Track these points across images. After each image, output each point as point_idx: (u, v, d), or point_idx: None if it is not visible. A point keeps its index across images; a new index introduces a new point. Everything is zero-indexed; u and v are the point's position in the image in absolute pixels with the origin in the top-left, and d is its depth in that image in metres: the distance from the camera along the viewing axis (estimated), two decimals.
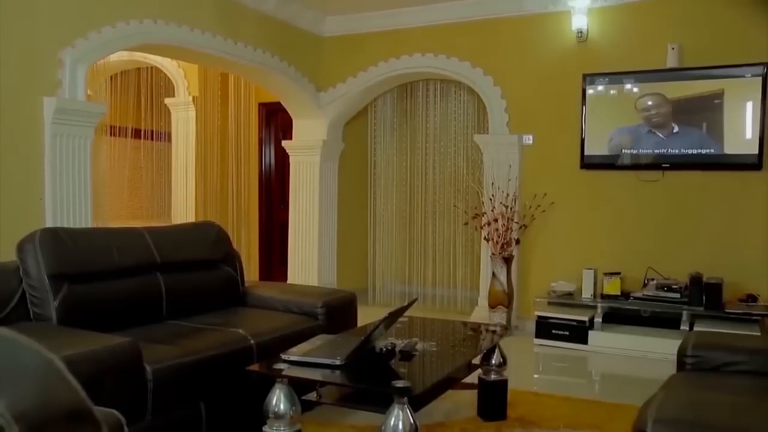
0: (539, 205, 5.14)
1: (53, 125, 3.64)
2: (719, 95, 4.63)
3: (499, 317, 5.04)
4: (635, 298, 4.73)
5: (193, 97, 6.71)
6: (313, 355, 2.44)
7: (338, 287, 5.49)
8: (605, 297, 4.83)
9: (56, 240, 2.74)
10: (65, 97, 3.73)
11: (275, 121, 7.13)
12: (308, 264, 6.07)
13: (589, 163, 5.06)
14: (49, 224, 3.58)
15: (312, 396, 2.48)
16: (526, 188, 5.27)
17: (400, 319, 3.01)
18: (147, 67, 6.98)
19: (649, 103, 4.83)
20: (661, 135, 4.80)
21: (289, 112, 6.17)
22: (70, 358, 2.05)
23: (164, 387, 2.43)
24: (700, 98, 4.68)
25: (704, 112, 4.69)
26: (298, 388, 2.39)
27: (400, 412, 2.08)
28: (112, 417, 1.49)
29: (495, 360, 3.12)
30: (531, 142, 5.33)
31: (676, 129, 4.76)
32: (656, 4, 4.84)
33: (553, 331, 4.82)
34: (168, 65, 6.63)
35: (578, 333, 4.73)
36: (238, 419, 2.77)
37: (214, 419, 2.66)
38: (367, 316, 3.64)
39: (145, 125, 7.30)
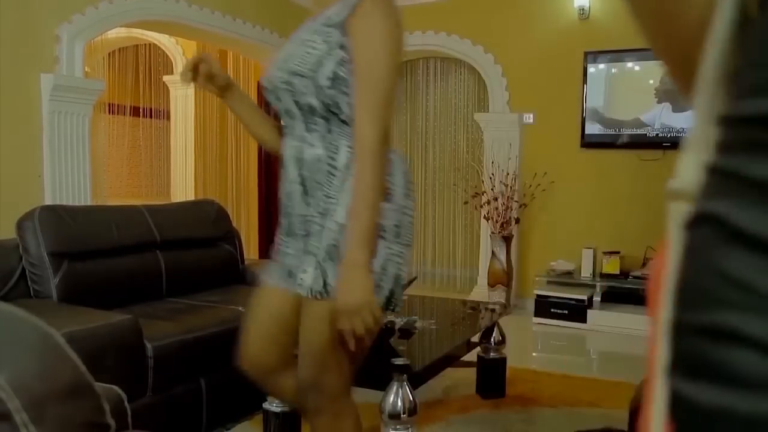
0: (539, 184, 5.14)
1: (51, 102, 3.61)
2: None
3: (498, 296, 5.06)
4: (634, 277, 4.74)
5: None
6: None
7: None
8: (604, 276, 4.84)
9: (56, 217, 2.74)
10: (63, 74, 3.69)
11: None
12: None
13: (589, 142, 5.04)
14: (48, 202, 3.57)
15: None
16: (527, 167, 5.26)
17: None
18: (145, 44, 6.92)
19: (666, 79, 4.80)
20: (665, 109, 4.78)
21: None
22: (71, 335, 2.06)
23: (165, 364, 2.45)
24: None
25: None
26: None
27: (400, 390, 2.10)
28: (112, 393, 1.49)
29: (494, 338, 3.13)
30: (531, 120, 5.30)
31: (677, 104, 4.74)
32: None
33: (552, 310, 4.84)
34: (166, 42, 6.57)
35: (577, 312, 4.75)
36: (238, 396, 2.79)
37: (214, 396, 2.67)
38: None
39: (144, 103, 7.26)
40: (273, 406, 2.35)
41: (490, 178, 5.22)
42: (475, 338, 3.06)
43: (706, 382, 0.34)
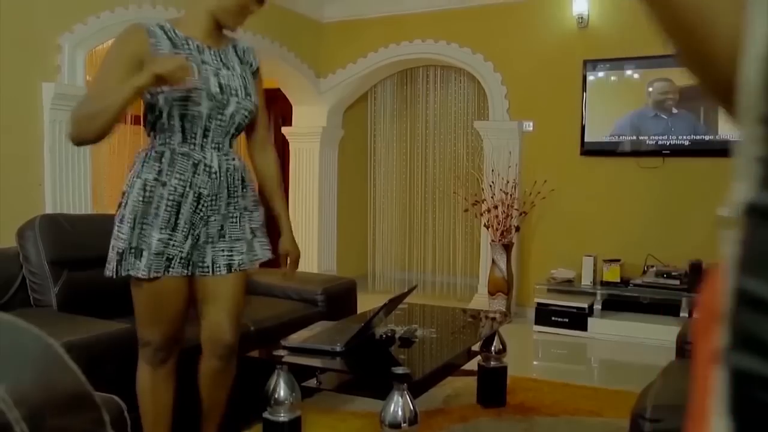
0: (539, 192, 5.14)
1: (52, 111, 3.62)
2: None
3: (498, 304, 5.06)
4: (635, 285, 4.74)
5: None
6: (312, 341, 2.44)
7: (338, 274, 5.49)
8: (605, 284, 4.83)
9: (56, 226, 2.74)
10: (64, 83, 3.71)
11: (275, 107, 7.09)
12: (308, 251, 6.07)
13: (589, 150, 5.05)
14: (49, 210, 3.57)
15: (312, 383, 2.49)
16: (526, 175, 5.26)
17: (400, 306, 3.02)
18: None
19: (660, 87, 4.81)
20: (665, 118, 4.79)
21: (288, 98, 6.14)
22: (71, 344, 2.06)
23: None
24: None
25: (705, 99, 4.67)
26: (298, 374, 2.40)
27: (400, 399, 2.09)
28: (112, 403, 1.49)
29: (494, 347, 3.13)
30: (531, 128, 5.31)
31: (677, 113, 4.75)
32: None
33: (553, 318, 4.83)
34: None
35: (578, 320, 4.75)
36: (238, 405, 2.78)
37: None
38: (366, 302, 3.64)
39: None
40: (273, 416, 2.34)
41: (490, 186, 5.23)
42: (476, 347, 3.06)
43: (750, 351, 0.38)
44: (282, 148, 6.77)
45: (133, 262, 1.95)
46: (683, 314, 4.48)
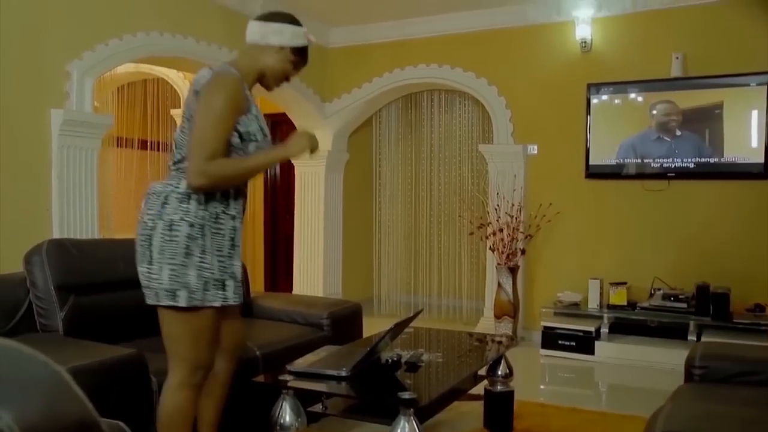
0: (544, 215, 5.14)
1: (60, 137, 3.66)
2: (723, 105, 4.62)
3: (505, 328, 5.03)
4: (642, 309, 4.71)
5: None
6: (318, 366, 2.43)
7: (343, 298, 5.48)
8: (612, 307, 4.81)
9: (63, 251, 2.75)
10: (72, 109, 3.75)
11: (280, 131, 7.14)
12: (313, 274, 6.07)
13: (594, 173, 5.05)
14: (56, 235, 3.59)
15: (318, 407, 2.47)
16: (532, 198, 5.27)
17: (406, 330, 3.01)
18: (153, 79, 7.02)
19: (663, 109, 4.83)
20: (669, 140, 4.80)
21: (294, 122, 6.18)
22: (77, 370, 2.05)
23: None
24: (706, 107, 4.68)
25: (710, 121, 4.69)
26: (304, 399, 2.38)
27: (406, 424, 2.07)
28: (118, 429, 1.48)
29: (501, 371, 3.10)
30: (536, 152, 5.33)
31: (681, 135, 4.76)
32: (660, 14, 4.85)
33: (560, 342, 4.80)
34: (174, 76, 6.66)
35: (585, 343, 4.71)
36: (244, 430, 2.76)
37: (220, 430, 2.64)
38: (372, 326, 3.63)
39: (152, 136, 7.33)
40: None
41: (496, 209, 5.23)
42: (482, 371, 3.04)
43: None
44: (288, 171, 6.81)
45: (215, 293, 2.10)
46: (691, 338, 4.44)
